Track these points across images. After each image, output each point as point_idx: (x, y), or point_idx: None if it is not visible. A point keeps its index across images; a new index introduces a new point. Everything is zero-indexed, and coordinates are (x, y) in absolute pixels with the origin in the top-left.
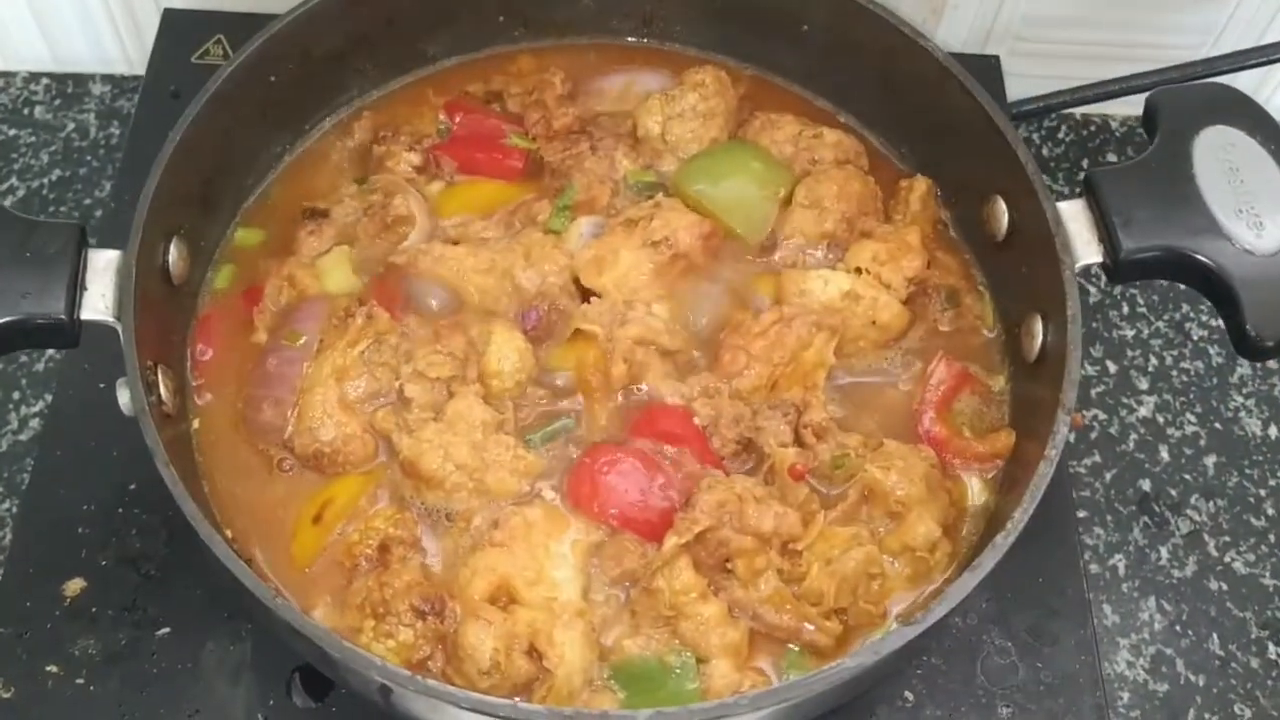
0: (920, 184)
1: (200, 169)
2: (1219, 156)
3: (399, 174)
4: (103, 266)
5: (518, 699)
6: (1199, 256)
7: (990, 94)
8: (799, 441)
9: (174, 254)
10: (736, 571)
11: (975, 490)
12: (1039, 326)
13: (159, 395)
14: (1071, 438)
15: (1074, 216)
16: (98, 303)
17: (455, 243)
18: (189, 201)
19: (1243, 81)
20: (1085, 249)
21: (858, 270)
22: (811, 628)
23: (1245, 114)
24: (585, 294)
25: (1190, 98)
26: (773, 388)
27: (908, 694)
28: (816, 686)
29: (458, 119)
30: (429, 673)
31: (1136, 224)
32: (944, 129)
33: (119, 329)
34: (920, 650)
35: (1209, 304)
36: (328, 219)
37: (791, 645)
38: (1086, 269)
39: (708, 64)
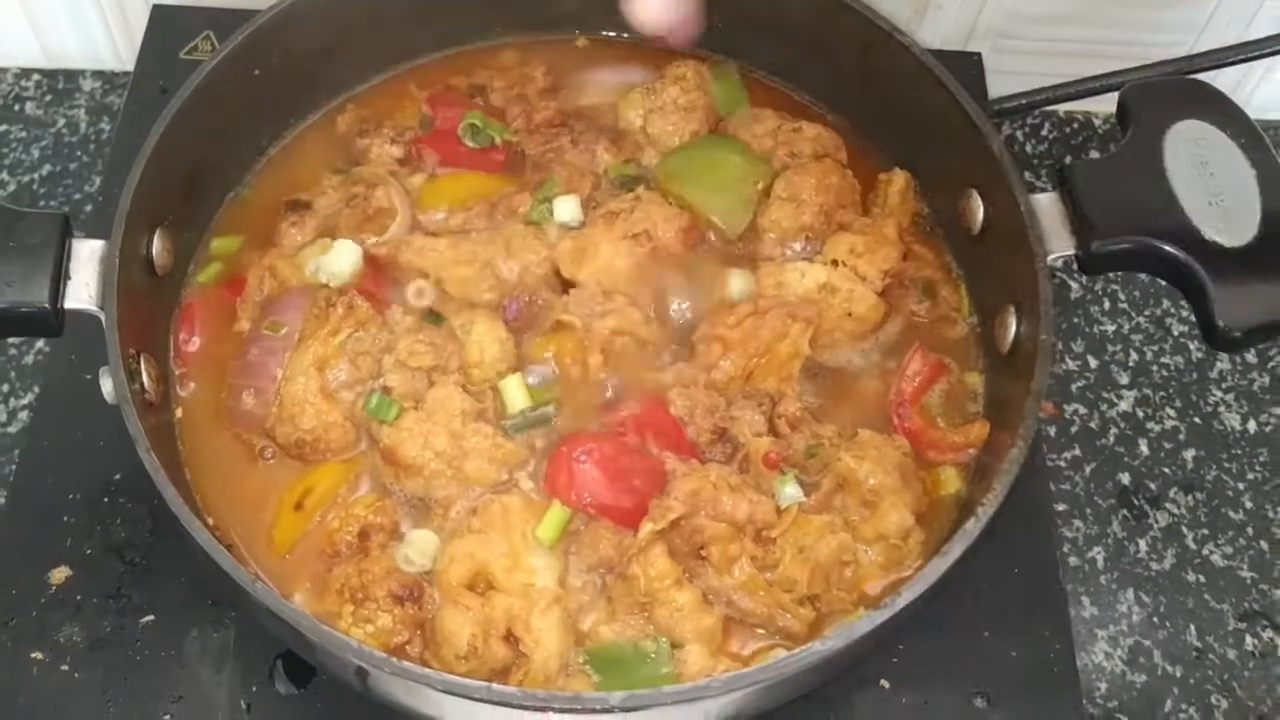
0: (899, 178)
1: (185, 161)
2: (1190, 150)
3: (381, 166)
4: (86, 256)
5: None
6: (1168, 248)
7: (971, 91)
8: (774, 431)
9: (158, 244)
10: (711, 559)
11: (949, 480)
12: (1013, 318)
13: (141, 383)
14: (1052, 431)
15: (1047, 209)
16: (81, 292)
17: (436, 235)
18: (173, 193)
19: (1224, 79)
20: (1057, 241)
21: (835, 263)
22: (785, 614)
23: (1217, 108)
24: (565, 285)
25: (1163, 92)
26: (748, 378)
27: (884, 681)
28: (787, 669)
29: (440, 112)
30: (407, 657)
31: (1108, 216)
32: (921, 123)
33: (102, 317)
34: (896, 638)
35: None
36: (310, 211)
37: (765, 631)
38: (1061, 261)
39: (689, 58)
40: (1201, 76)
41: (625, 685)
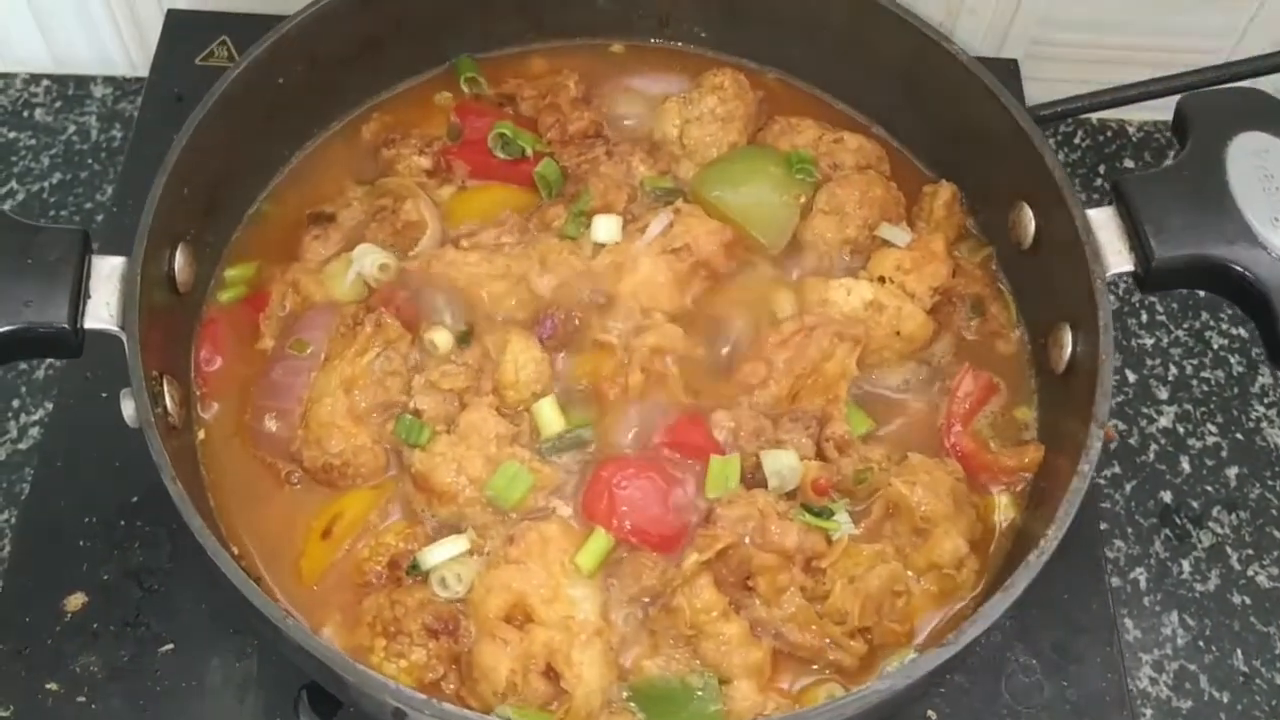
0: (945, 190)
1: (206, 173)
2: (1253, 163)
3: (409, 177)
4: (107, 274)
5: None
6: (1233, 265)
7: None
8: (821, 455)
9: (179, 261)
10: (758, 589)
11: (1004, 506)
12: (1068, 337)
13: (164, 406)
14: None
15: (1103, 224)
16: (101, 311)
17: (468, 249)
18: (194, 206)
19: (1263, 86)
20: (1115, 257)
21: (881, 279)
22: (836, 648)
23: None
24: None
25: (1223, 103)
26: (794, 399)
27: (931, 713)
28: (848, 710)
29: (469, 122)
30: (442, 694)
31: (1169, 232)
32: (968, 134)
33: (123, 338)
34: (945, 668)
35: (1229, 312)
36: (334, 223)
37: (816, 665)
38: (1115, 278)
39: (726, 66)
40: (1248, 84)
41: None
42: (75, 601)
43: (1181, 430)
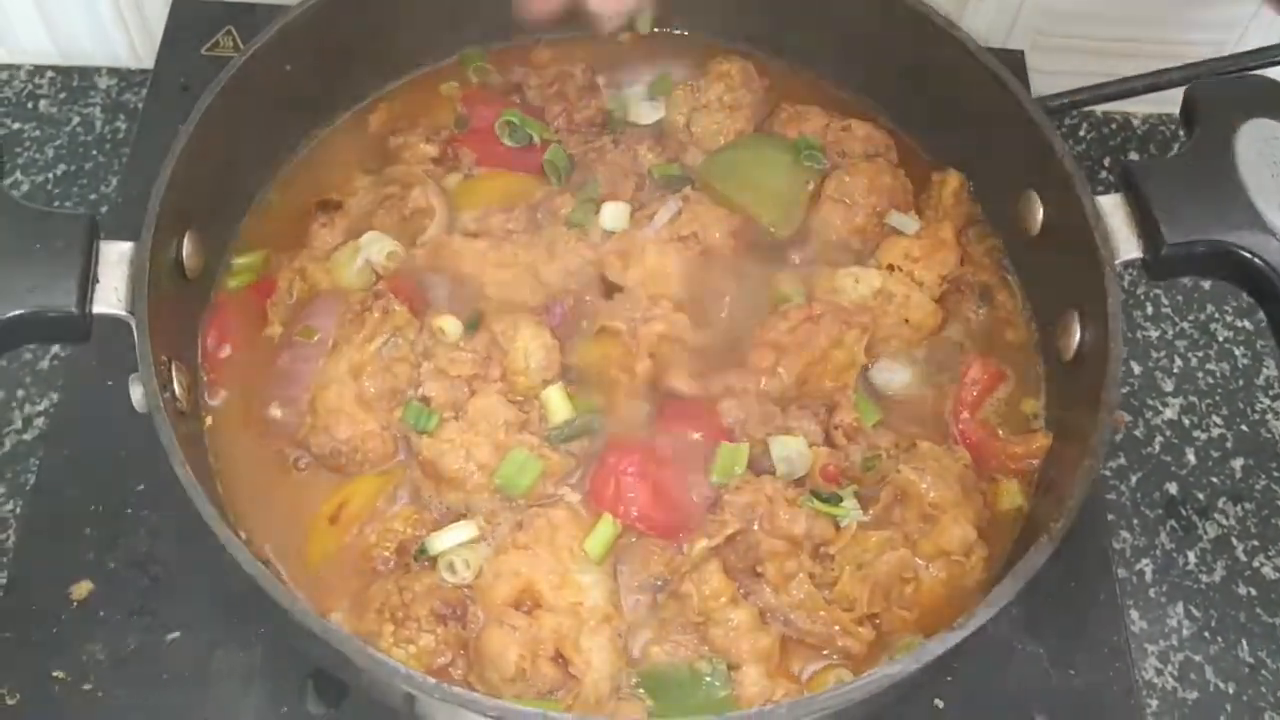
0: (953, 178)
1: (214, 160)
2: (1262, 150)
3: (416, 165)
4: (115, 259)
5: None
6: (1242, 251)
7: None
8: (830, 442)
9: (188, 247)
10: (767, 575)
11: (1011, 493)
12: (1076, 324)
13: (173, 392)
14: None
15: (1112, 211)
16: (110, 296)
17: (476, 236)
18: (202, 193)
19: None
20: (1125, 244)
21: (890, 267)
22: (845, 634)
23: None
24: (610, 289)
25: (1231, 90)
26: (802, 386)
27: (938, 701)
28: (855, 695)
29: (476, 110)
30: (450, 680)
31: (1178, 218)
32: (976, 122)
33: (132, 323)
34: (953, 654)
35: (1234, 304)
36: (341, 211)
37: (824, 651)
38: (1125, 265)
39: (733, 55)
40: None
41: (680, 710)
42: (81, 589)
43: (1187, 422)
